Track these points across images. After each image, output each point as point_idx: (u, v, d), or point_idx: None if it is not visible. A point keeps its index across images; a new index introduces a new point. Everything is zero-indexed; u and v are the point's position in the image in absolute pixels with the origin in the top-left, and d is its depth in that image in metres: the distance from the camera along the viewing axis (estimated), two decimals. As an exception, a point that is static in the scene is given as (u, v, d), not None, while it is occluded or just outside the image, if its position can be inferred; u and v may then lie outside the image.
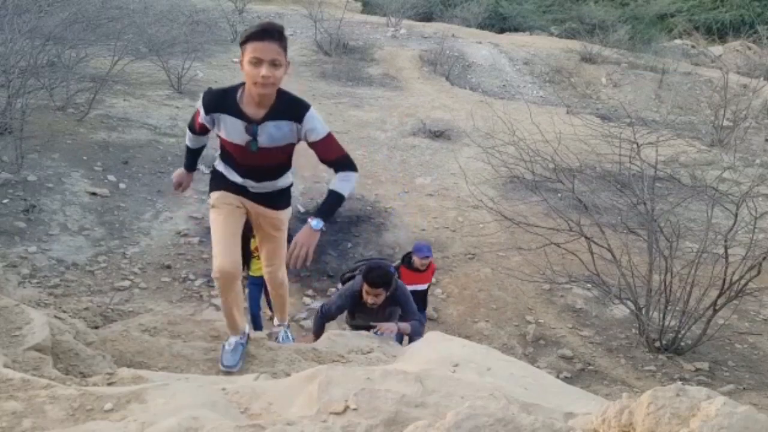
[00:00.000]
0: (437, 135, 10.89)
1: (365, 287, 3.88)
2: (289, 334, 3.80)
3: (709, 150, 10.61)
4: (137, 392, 1.81)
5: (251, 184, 2.90)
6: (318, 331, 4.05)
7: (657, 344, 6.00)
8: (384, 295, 3.91)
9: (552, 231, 6.41)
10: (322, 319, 4.11)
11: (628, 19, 20.41)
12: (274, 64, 2.52)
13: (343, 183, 2.72)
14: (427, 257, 5.25)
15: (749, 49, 18.08)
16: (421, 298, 5.31)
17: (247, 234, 3.70)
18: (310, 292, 6.44)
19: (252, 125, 2.68)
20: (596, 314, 6.64)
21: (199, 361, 2.91)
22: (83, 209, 6.94)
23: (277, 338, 3.73)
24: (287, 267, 2.96)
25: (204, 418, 1.57)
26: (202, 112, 2.80)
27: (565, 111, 10.41)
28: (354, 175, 2.76)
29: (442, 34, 16.46)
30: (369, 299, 3.89)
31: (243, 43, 2.58)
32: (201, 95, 2.84)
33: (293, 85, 13.00)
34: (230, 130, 2.73)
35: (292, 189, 3.12)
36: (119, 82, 10.00)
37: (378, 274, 3.85)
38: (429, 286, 5.58)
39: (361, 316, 4.14)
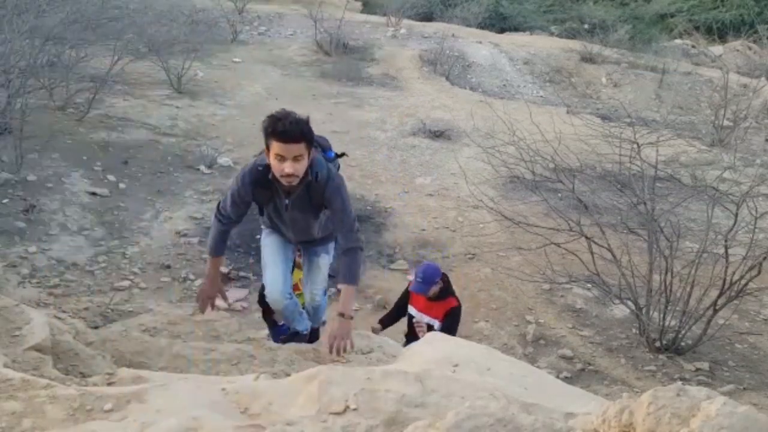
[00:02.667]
0: (437, 135, 10.89)
1: (274, 147, 2.77)
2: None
3: (710, 150, 10.61)
4: (137, 392, 1.81)
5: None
6: (215, 246, 3.21)
7: (657, 344, 6.00)
8: (306, 159, 2.82)
9: (552, 231, 6.41)
10: (220, 223, 3.15)
11: (628, 19, 20.41)
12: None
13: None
14: (423, 284, 4.11)
15: (749, 49, 18.07)
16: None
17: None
18: (310, 292, 6.43)
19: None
20: (596, 314, 6.64)
21: (199, 361, 2.92)
22: (83, 209, 6.94)
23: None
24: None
25: (204, 418, 1.57)
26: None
27: (566, 111, 10.41)
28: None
29: (442, 34, 16.45)
30: (285, 170, 2.78)
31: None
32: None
33: (294, 84, 13.01)
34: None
35: None
36: (119, 81, 10.00)
37: (291, 121, 2.74)
38: (441, 328, 4.19)
39: (275, 213, 3.21)
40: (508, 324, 6.33)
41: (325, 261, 3.46)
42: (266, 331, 4.08)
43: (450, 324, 4.22)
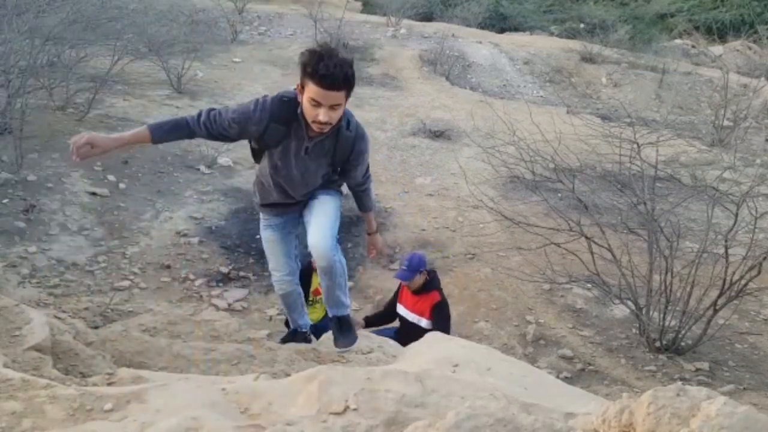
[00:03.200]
0: (437, 135, 10.89)
1: (311, 90, 2.42)
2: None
3: (710, 150, 10.61)
4: (137, 392, 1.81)
5: None
6: (162, 125, 2.63)
7: (657, 344, 6.00)
8: (343, 107, 2.55)
9: (552, 231, 6.41)
10: (194, 121, 2.62)
11: (628, 19, 20.41)
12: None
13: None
14: (408, 271, 4.04)
15: (749, 49, 18.07)
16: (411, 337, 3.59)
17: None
18: (310, 292, 6.43)
19: None
20: (596, 314, 6.64)
21: (199, 361, 2.92)
22: (83, 209, 6.94)
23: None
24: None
25: (204, 418, 1.57)
26: None
27: (566, 111, 10.41)
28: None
29: (442, 34, 16.45)
30: (319, 117, 2.46)
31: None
32: None
33: (294, 84, 12.98)
34: None
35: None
36: (119, 81, 10.00)
37: (336, 63, 2.37)
38: (430, 328, 4.01)
39: (281, 158, 2.76)
40: (508, 324, 6.33)
41: (328, 198, 2.98)
42: (267, 331, 4.08)
43: (439, 321, 4.19)
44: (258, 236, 3.70)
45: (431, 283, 4.30)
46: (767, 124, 13.14)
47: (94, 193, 7.23)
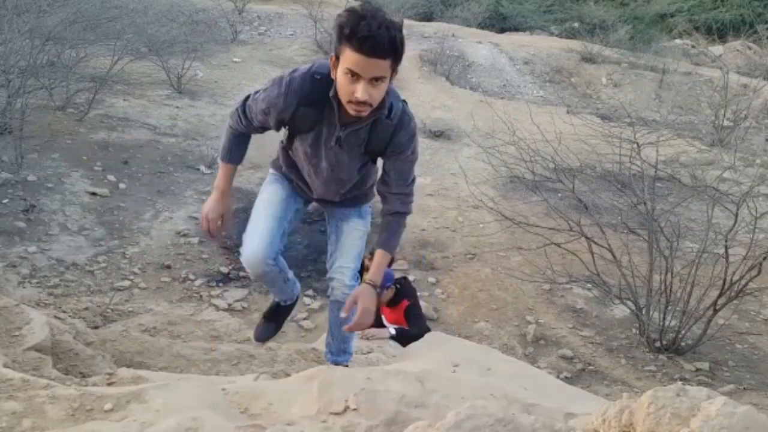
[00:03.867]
0: (437, 135, 10.90)
1: (348, 58, 1.93)
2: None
3: (710, 150, 10.60)
4: (137, 392, 1.81)
5: None
6: (230, 149, 2.44)
7: (657, 344, 6.00)
8: (386, 84, 2.03)
9: (552, 231, 6.41)
10: (239, 123, 2.36)
11: (628, 19, 20.40)
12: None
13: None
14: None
15: (749, 49, 18.06)
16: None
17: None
18: (310, 292, 6.44)
19: None
20: (596, 314, 6.64)
21: (199, 361, 2.92)
22: (83, 209, 6.94)
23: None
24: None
25: (204, 418, 1.57)
26: None
27: (566, 111, 10.41)
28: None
29: (442, 34, 16.45)
30: (357, 95, 1.95)
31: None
32: None
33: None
34: None
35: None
36: (119, 82, 9.99)
37: (381, 23, 1.88)
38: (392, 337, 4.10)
39: (312, 148, 2.31)
40: (508, 324, 6.33)
41: (359, 227, 2.58)
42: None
43: (413, 323, 4.29)
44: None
45: (401, 294, 4.42)
46: (767, 124, 13.14)
47: (94, 193, 7.24)
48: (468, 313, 6.45)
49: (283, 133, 2.39)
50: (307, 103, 2.15)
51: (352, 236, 2.52)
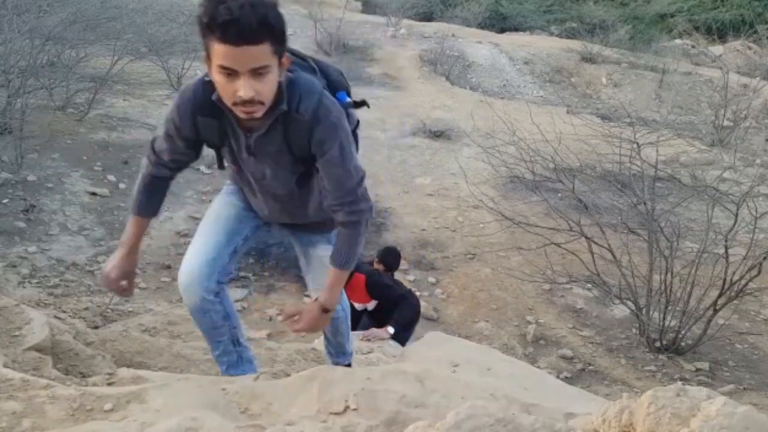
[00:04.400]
0: (437, 135, 10.89)
1: (217, 53, 1.64)
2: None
3: (710, 150, 10.61)
4: (137, 392, 1.81)
5: None
6: (139, 198, 2.07)
7: (657, 344, 6.00)
8: (274, 73, 1.68)
9: (552, 231, 6.41)
10: (149, 163, 2.03)
11: (628, 19, 20.41)
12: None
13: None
14: None
15: (749, 49, 18.06)
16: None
17: None
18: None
19: None
20: (596, 314, 6.64)
21: (199, 361, 2.92)
22: (83, 209, 6.94)
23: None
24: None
25: (204, 418, 1.57)
26: None
27: (566, 111, 10.41)
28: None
29: (442, 34, 16.45)
30: (239, 94, 1.65)
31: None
32: None
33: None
34: None
35: None
36: (119, 82, 9.99)
37: (244, 3, 1.56)
38: (382, 306, 4.14)
39: (234, 164, 2.00)
40: (508, 324, 6.33)
41: (328, 253, 2.14)
42: (267, 331, 4.07)
43: (376, 294, 4.12)
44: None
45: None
46: (767, 124, 13.14)
47: (94, 193, 7.24)
48: (468, 313, 6.46)
49: None
50: (204, 113, 1.85)
51: (323, 263, 2.10)
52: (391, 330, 4.01)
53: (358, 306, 4.22)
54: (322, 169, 1.89)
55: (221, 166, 2.04)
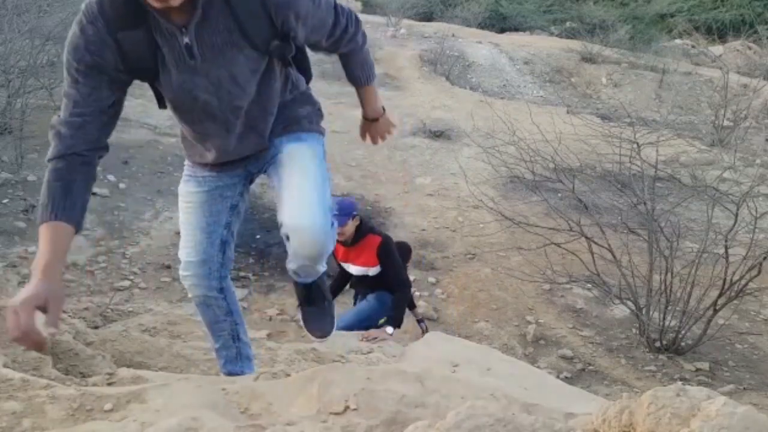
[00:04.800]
0: (437, 135, 10.90)
1: None
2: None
3: (710, 150, 10.61)
4: (137, 392, 1.81)
5: None
6: (50, 197, 1.65)
7: (657, 344, 6.00)
8: None
9: (552, 231, 6.41)
10: (56, 149, 1.64)
11: (628, 19, 20.42)
12: None
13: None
14: (340, 216, 3.50)
15: (749, 49, 18.07)
16: (371, 288, 4.03)
17: None
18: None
19: None
20: (596, 314, 6.64)
21: (199, 361, 2.91)
22: (83, 209, 6.94)
23: None
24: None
25: (204, 418, 1.57)
26: None
27: (566, 111, 10.41)
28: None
29: (442, 34, 16.46)
30: None
31: None
32: None
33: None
34: None
35: None
36: (119, 82, 9.98)
37: None
38: (381, 276, 3.94)
39: (180, 85, 1.63)
40: (508, 324, 6.33)
41: (302, 150, 1.81)
42: (267, 331, 4.07)
43: (386, 261, 3.95)
44: (258, 236, 3.63)
45: (363, 230, 3.96)
46: (767, 124, 13.15)
47: (94, 193, 7.23)
48: (468, 313, 6.46)
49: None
50: (123, 25, 1.47)
51: (300, 161, 1.75)
52: (390, 330, 4.01)
53: (358, 270, 4.03)
54: (305, 30, 1.65)
55: (162, 105, 1.74)
